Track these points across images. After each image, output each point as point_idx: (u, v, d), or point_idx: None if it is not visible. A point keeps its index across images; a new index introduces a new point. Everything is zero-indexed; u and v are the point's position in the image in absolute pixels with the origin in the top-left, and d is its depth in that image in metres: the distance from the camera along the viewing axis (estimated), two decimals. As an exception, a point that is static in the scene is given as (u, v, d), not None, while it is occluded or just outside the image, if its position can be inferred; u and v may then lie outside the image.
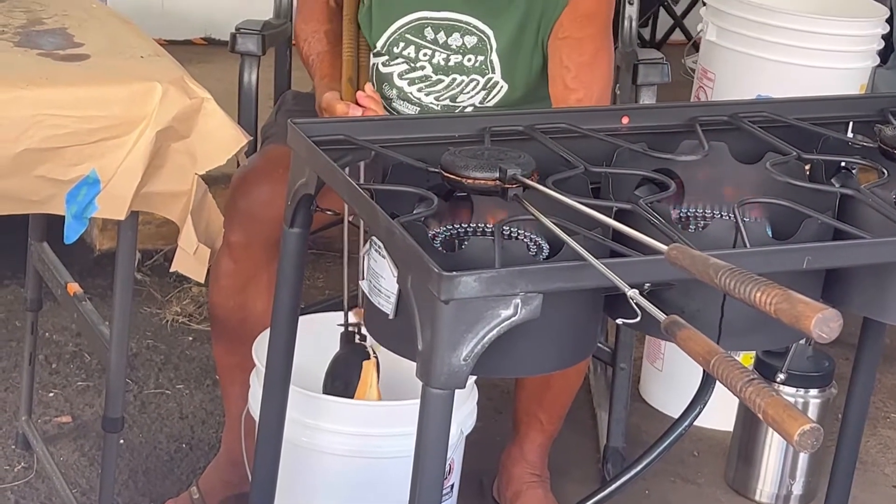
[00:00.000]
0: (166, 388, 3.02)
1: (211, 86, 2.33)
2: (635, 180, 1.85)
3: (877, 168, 1.91)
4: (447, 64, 2.44)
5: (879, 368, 3.29)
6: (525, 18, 2.42)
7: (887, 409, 3.19)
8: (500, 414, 2.95)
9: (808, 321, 1.21)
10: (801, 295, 1.24)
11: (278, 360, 1.98)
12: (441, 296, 1.48)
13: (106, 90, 1.99)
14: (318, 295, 3.43)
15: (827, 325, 1.21)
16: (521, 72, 2.45)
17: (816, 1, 3.01)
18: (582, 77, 2.42)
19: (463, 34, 2.44)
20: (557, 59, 2.44)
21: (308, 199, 1.85)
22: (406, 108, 2.49)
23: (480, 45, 2.43)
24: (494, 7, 2.42)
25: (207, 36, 4.75)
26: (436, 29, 2.44)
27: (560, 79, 2.43)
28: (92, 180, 2.00)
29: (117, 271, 2.18)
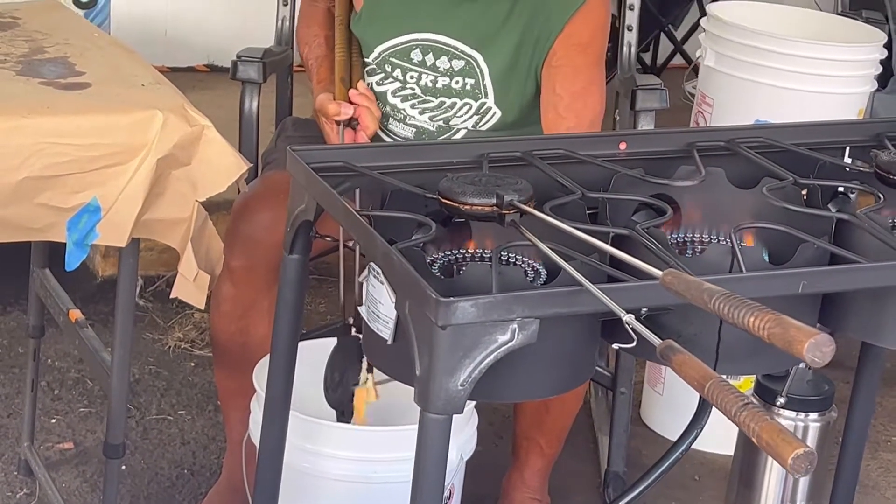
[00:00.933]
0: (168, 413, 3.03)
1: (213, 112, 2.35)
2: (633, 205, 1.86)
3: (873, 193, 1.92)
4: (435, 86, 2.46)
5: (880, 391, 3.30)
6: (519, 46, 2.44)
7: (888, 432, 3.19)
8: (500, 438, 2.95)
9: (800, 346, 1.21)
10: (795, 320, 1.25)
11: (278, 386, 1.98)
12: (438, 321, 1.49)
13: (107, 118, 2.01)
14: (320, 320, 3.44)
15: (819, 350, 1.22)
16: (514, 98, 2.47)
17: (814, 26, 3.03)
18: (574, 106, 2.43)
19: (451, 58, 2.46)
20: (550, 87, 2.45)
21: (307, 226, 1.85)
22: (402, 129, 2.51)
23: (469, 68, 2.45)
24: (485, 34, 2.44)
25: (210, 63, 4.77)
26: (424, 51, 2.46)
27: (552, 107, 2.44)
28: (93, 208, 2.02)
29: (118, 298, 2.20)
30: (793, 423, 2.65)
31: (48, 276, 2.58)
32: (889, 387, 3.36)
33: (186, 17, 4.73)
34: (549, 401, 2.48)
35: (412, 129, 2.51)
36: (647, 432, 3.09)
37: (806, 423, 2.68)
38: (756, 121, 2.74)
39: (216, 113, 2.77)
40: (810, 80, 2.78)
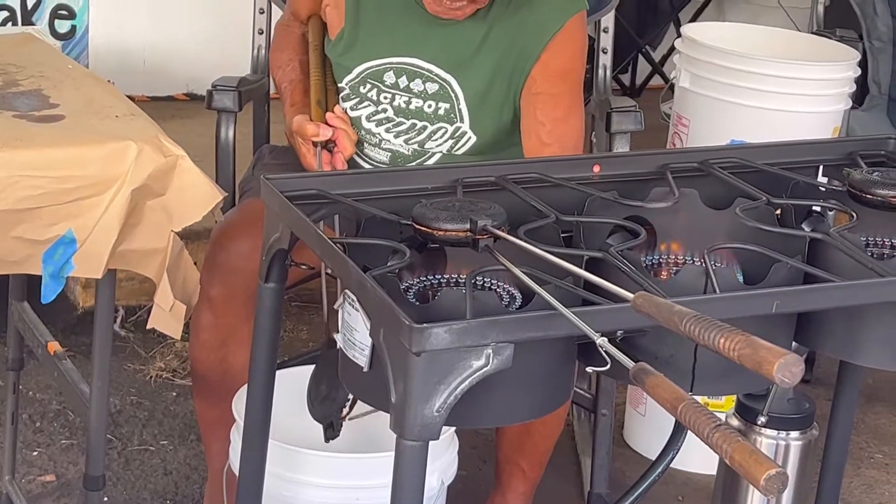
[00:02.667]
0: (150, 444, 3.02)
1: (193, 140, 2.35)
2: (607, 228, 1.86)
3: (847, 211, 1.93)
4: (408, 107, 2.47)
5: (863, 408, 3.31)
6: (494, 71, 2.45)
7: (871, 449, 3.19)
8: (484, 463, 2.95)
9: (770, 366, 1.22)
10: (764, 341, 1.25)
11: (257, 415, 1.98)
12: (412, 348, 1.49)
13: (81, 150, 2.01)
14: (302, 347, 3.44)
15: (789, 370, 1.22)
16: (489, 123, 2.48)
17: (788, 46, 3.04)
18: (556, 132, 2.44)
19: (424, 80, 2.46)
20: (532, 114, 2.46)
21: (282, 254, 1.86)
22: (377, 153, 2.51)
23: (443, 92, 2.46)
24: (460, 58, 2.45)
25: (189, 91, 4.77)
26: (397, 73, 2.47)
27: (535, 134, 2.45)
28: (68, 240, 2.01)
29: (96, 329, 2.19)
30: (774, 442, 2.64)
31: (26, 308, 2.57)
32: (872, 403, 3.37)
33: (165, 46, 4.74)
34: (531, 424, 2.48)
35: (387, 154, 2.51)
36: (631, 453, 3.10)
37: (787, 441, 2.68)
38: (732, 141, 2.75)
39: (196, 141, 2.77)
40: (784, 100, 2.80)
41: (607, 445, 2.77)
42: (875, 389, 3.41)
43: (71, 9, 4.62)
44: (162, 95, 4.74)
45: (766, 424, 2.63)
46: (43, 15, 4.59)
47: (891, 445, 3.21)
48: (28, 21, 4.56)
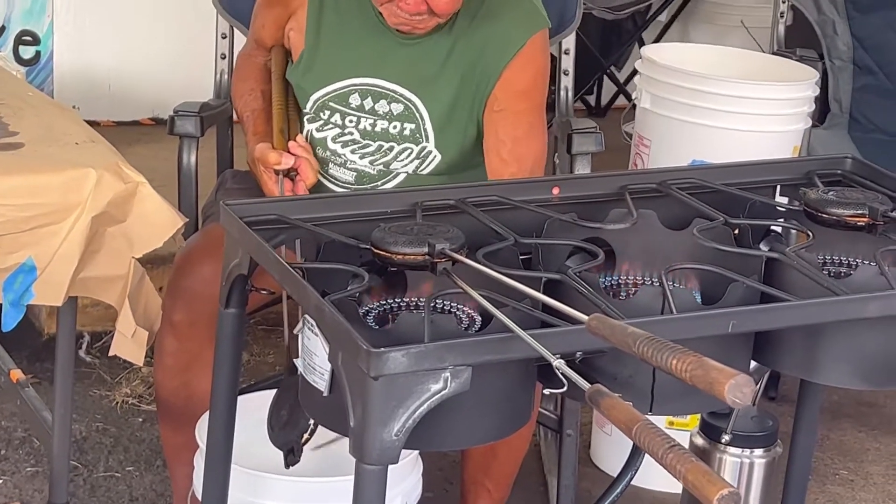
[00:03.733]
0: (116, 470, 3.01)
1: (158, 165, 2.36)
2: (566, 250, 1.87)
3: (803, 231, 1.94)
4: (374, 129, 2.48)
5: (828, 425, 3.33)
6: (458, 90, 2.46)
7: (836, 465, 3.20)
8: (451, 484, 2.95)
9: (721, 387, 1.23)
10: (716, 361, 1.26)
11: (219, 440, 1.98)
12: (370, 372, 1.49)
13: (40, 178, 2.02)
14: (269, 371, 3.44)
15: (740, 391, 1.23)
16: (454, 142, 2.49)
17: (748, 66, 3.06)
18: (517, 150, 2.45)
19: (389, 101, 2.47)
20: (493, 132, 2.47)
21: (242, 280, 1.86)
22: (342, 173, 2.52)
23: (408, 112, 2.47)
24: (424, 78, 2.46)
25: (155, 116, 4.77)
26: (362, 95, 2.48)
27: (495, 152, 2.46)
28: (28, 268, 2.02)
29: (58, 356, 2.20)
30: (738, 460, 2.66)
31: (-11, 336, 2.57)
32: (837, 420, 3.38)
33: (130, 71, 4.74)
34: (496, 445, 2.47)
35: (353, 174, 2.52)
36: (598, 473, 3.10)
37: (752, 459, 2.69)
38: (693, 161, 2.76)
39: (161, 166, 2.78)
40: (744, 120, 2.81)
41: (573, 465, 2.77)
42: (840, 406, 3.43)
43: (35, 34, 4.61)
44: (128, 120, 4.73)
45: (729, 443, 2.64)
46: (7, 41, 4.59)
47: (855, 462, 3.22)
48: (-9, 47, 4.56)
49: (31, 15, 4.60)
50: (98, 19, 4.68)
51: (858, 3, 3.63)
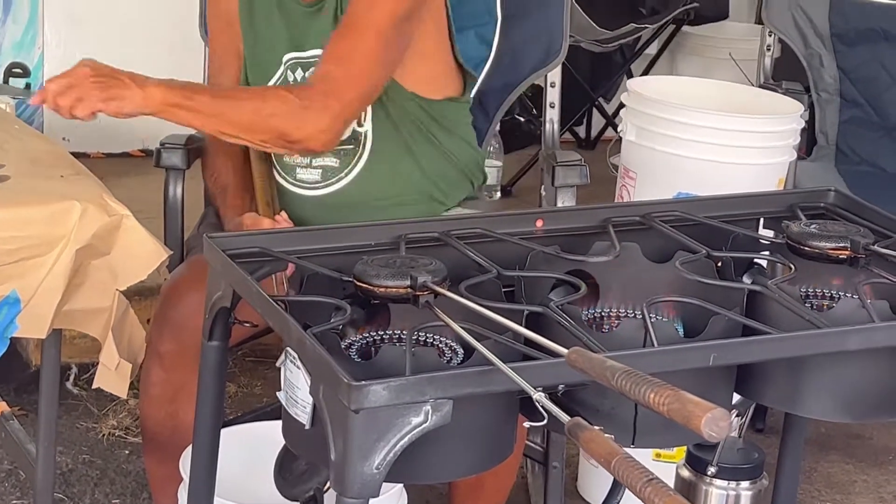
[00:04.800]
0: (102, 503, 3.01)
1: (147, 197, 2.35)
2: (549, 283, 1.88)
3: (785, 264, 1.95)
4: None
5: (816, 457, 3.33)
6: None
7: (823, 497, 3.20)
8: (437, 516, 2.95)
9: (698, 421, 1.23)
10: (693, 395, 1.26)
11: (201, 473, 1.98)
12: (351, 405, 1.49)
13: (25, 211, 2.02)
14: (256, 402, 3.43)
15: (716, 425, 1.23)
16: None
17: (734, 98, 3.07)
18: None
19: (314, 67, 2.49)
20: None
21: (225, 312, 1.86)
22: (308, 174, 2.55)
23: None
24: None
25: (145, 148, 4.77)
26: (293, 69, 2.51)
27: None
28: (12, 300, 2.02)
29: (42, 389, 2.20)
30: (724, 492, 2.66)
31: (-26, 368, 2.57)
32: (825, 452, 3.38)
33: (120, 103, 4.74)
34: (483, 478, 2.47)
35: (318, 171, 2.54)
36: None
37: (738, 491, 2.68)
38: (678, 193, 2.77)
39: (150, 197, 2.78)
40: (729, 152, 2.82)
41: (559, 497, 2.77)
42: (828, 438, 3.43)
43: (25, 66, 4.63)
44: (117, 152, 4.74)
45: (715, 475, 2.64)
46: (-4, 72, 4.60)
47: (843, 493, 3.22)
48: (-19, 79, 4.57)
49: (22, 47, 4.62)
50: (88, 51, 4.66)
51: (845, 37, 3.65)
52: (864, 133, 3.66)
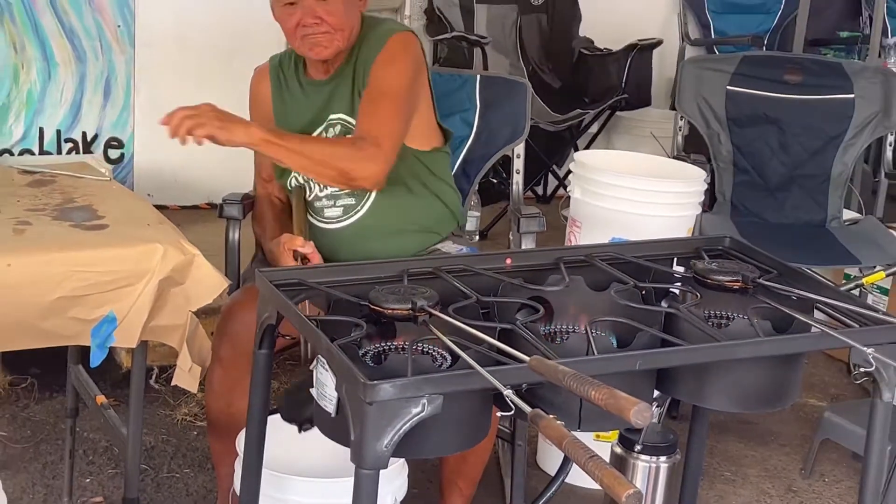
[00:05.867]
0: (176, 472, 3.00)
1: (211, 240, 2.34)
2: (516, 306, 1.88)
3: (693, 292, 1.95)
4: None
5: (716, 438, 3.32)
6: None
7: (721, 468, 3.20)
8: (430, 482, 2.94)
9: (627, 412, 1.24)
10: (623, 392, 1.27)
11: (253, 450, 1.97)
12: (366, 399, 1.50)
13: (120, 251, 2.02)
14: (294, 396, 3.42)
15: (641, 415, 1.24)
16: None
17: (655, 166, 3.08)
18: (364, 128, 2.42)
19: (333, 126, 2.53)
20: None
21: (272, 328, 1.86)
22: (332, 211, 2.54)
23: (344, 128, 2.51)
24: (346, 100, 2.51)
25: (210, 202, 4.77)
26: (323, 132, 2.52)
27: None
28: (111, 319, 2.02)
29: (132, 385, 2.19)
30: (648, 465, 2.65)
31: (80, 370, 2.56)
32: (723, 434, 3.38)
33: (191, 167, 4.75)
34: (466, 454, 2.46)
35: (339, 209, 2.54)
36: (543, 475, 3.08)
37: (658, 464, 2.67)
38: (613, 238, 2.77)
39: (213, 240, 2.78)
40: (651, 207, 2.83)
41: (523, 469, 2.76)
42: (725, 423, 3.43)
43: (120, 140, 4.63)
44: (189, 205, 4.74)
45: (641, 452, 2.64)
46: (99, 145, 4.60)
47: (737, 465, 3.22)
48: (87, 150, 4.57)
49: (118, 126, 4.62)
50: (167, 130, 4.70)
51: (737, 120, 3.67)
52: (751, 193, 3.68)
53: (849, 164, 3.65)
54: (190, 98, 4.66)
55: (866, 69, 3.70)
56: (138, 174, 4.67)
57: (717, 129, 3.66)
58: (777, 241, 3.40)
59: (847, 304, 1.88)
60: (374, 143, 2.36)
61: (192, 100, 4.79)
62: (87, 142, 4.56)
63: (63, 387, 2.92)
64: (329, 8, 2.43)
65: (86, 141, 4.56)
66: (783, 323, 1.86)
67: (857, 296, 3.71)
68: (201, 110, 2.27)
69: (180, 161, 4.72)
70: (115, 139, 4.61)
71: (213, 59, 4.68)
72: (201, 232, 2.12)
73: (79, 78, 4.50)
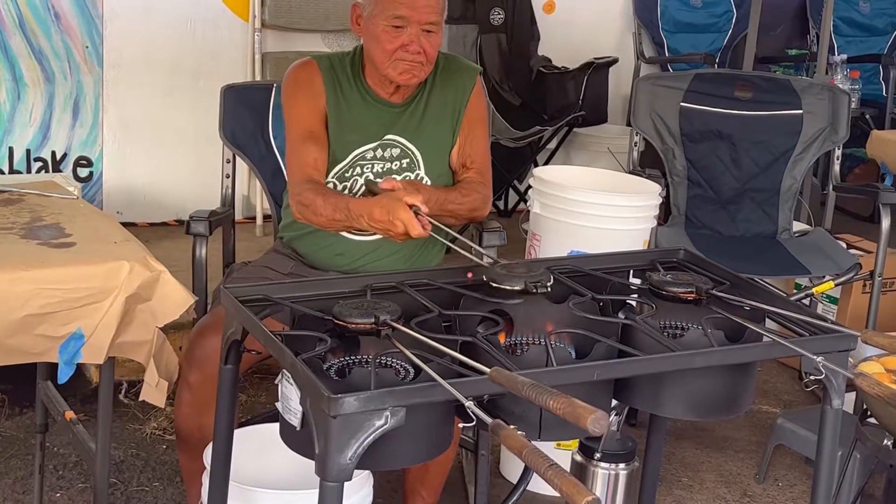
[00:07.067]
0: (146, 485, 2.96)
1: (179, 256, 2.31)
2: (477, 319, 1.88)
3: (648, 304, 1.96)
4: (383, 170, 2.52)
5: (673, 445, 3.33)
6: (436, 128, 2.55)
7: (679, 474, 3.21)
8: (396, 492, 2.92)
9: (584, 420, 1.24)
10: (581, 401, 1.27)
11: (219, 463, 1.96)
12: (330, 412, 1.49)
13: (87, 269, 2.00)
14: (261, 408, 3.40)
15: (598, 423, 1.24)
16: (438, 164, 2.57)
17: (611, 181, 3.09)
18: (478, 162, 2.58)
19: (390, 148, 2.53)
20: (465, 152, 2.57)
21: (237, 343, 1.85)
22: None
23: (402, 152, 2.53)
24: (409, 126, 2.54)
25: (178, 218, 4.74)
26: (374, 149, 2.52)
27: (466, 167, 2.58)
28: (78, 336, 1.99)
29: (99, 401, 2.16)
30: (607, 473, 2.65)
31: (49, 386, 2.53)
32: (680, 441, 3.39)
33: (159, 185, 4.73)
34: (428, 464, 2.46)
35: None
36: (506, 483, 3.08)
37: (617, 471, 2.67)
38: (571, 251, 2.78)
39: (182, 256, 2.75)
40: (607, 221, 2.83)
41: (486, 477, 2.75)
42: (683, 430, 3.44)
43: (89, 159, 4.60)
44: (158, 222, 4.71)
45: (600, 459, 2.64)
46: (68, 164, 4.57)
47: (694, 471, 3.23)
48: (57, 169, 4.53)
49: (87, 144, 4.59)
50: (135, 148, 4.69)
51: (690, 136, 3.69)
52: (705, 206, 3.70)
53: (798, 177, 3.68)
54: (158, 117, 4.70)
55: (814, 85, 3.73)
56: (107, 192, 4.64)
57: (672, 144, 3.67)
58: (730, 253, 3.42)
59: (797, 313, 1.89)
60: (485, 185, 2.55)
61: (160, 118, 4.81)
62: (57, 161, 4.52)
63: (33, 402, 2.88)
64: (432, 41, 2.45)
65: (55, 160, 4.52)
66: (736, 333, 1.87)
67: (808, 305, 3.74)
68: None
69: (149, 179, 4.70)
70: (85, 158, 4.58)
71: (179, 78, 4.66)
72: (170, 248, 2.11)
73: (48, 98, 4.46)
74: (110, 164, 4.63)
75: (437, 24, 2.45)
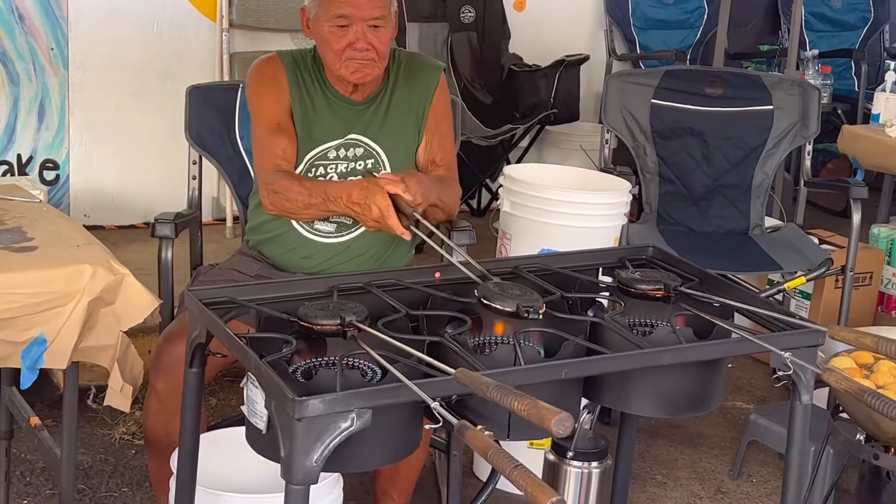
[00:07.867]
0: (114, 491, 2.94)
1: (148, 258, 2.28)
2: (445, 319, 1.87)
3: (617, 301, 1.96)
4: (346, 170, 2.51)
5: (647, 442, 3.34)
6: (401, 127, 2.54)
7: (653, 472, 3.21)
8: (368, 494, 2.91)
9: (549, 422, 1.23)
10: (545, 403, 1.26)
11: (186, 467, 1.94)
12: (295, 415, 1.48)
13: (49, 273, 1.98)
14: (232, 411, 3.37)
15: (562, 425, 1.24)
16: (404, 161, 2.55)
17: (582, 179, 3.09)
18: (447, 158, 2.59)
19: (353, 148, 2.52)
20: (430, 148, 2.58)
21: (202, 347, 1.83)
22: (325, 225, 2.51)
23: (365, 152, 2.52)
24: (373, 125, 2.53)
25: (147, 221, 4.71)
26: (336, 148, 2.50)
27: (431, 159, 2.58)
28: (41, 340, 1.98)
29: (64, 406, 2.14)
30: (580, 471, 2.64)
31: (14, 391, 2.50)
32: (654, 438, 3.39)
33: (127, 188, 4.70)
34: (398, 465, 2.45)
35: (334, 224, 2.51)
36: (479, 483, 3.05)
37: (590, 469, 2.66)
38: (542, 250, 2.77)
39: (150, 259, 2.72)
40: (577, 219, 2.83)
41: (458, 478, 2.74)
42: (656, 427, 3.44)
43: (56, 161, 4.57)
44: (126, 224, 4.67)
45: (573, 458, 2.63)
46: (34, 167, 4.53)
47: (667, 469, 3.23)
48: (23, 172, 4.50)
49: (53, 147, 4.56)
50: (102, 150, 4.66)
51: (661, 133, 3.69)
52: (676, 203, 3.70)
53: (769, 173, 3.69)
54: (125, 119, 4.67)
55: (784, 81, 3.74)
56: (74, 195, 4.60)
57: (643, 141, 3.68)
58: (702, 250, 3.43)
59: (765, 309, 1.89)
60: (456, 180, 2.56)
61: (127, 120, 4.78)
62: (23, 164, 4.49)
63: (-2, 409, 2.86)
64: (380, 36, 2.44)
65: (21, 163, 4.49)
66: (705, 329, 1.87)
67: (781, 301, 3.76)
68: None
69: (116, 181, 4.67)
70: (51, 161, 4.54)
71: (146, 79, 4.64)
72: (138, 251, 2.09)
73: (13, 101, 4.43)
74: (77, 166, 4.60)
75: (384, 19, 2.44)
